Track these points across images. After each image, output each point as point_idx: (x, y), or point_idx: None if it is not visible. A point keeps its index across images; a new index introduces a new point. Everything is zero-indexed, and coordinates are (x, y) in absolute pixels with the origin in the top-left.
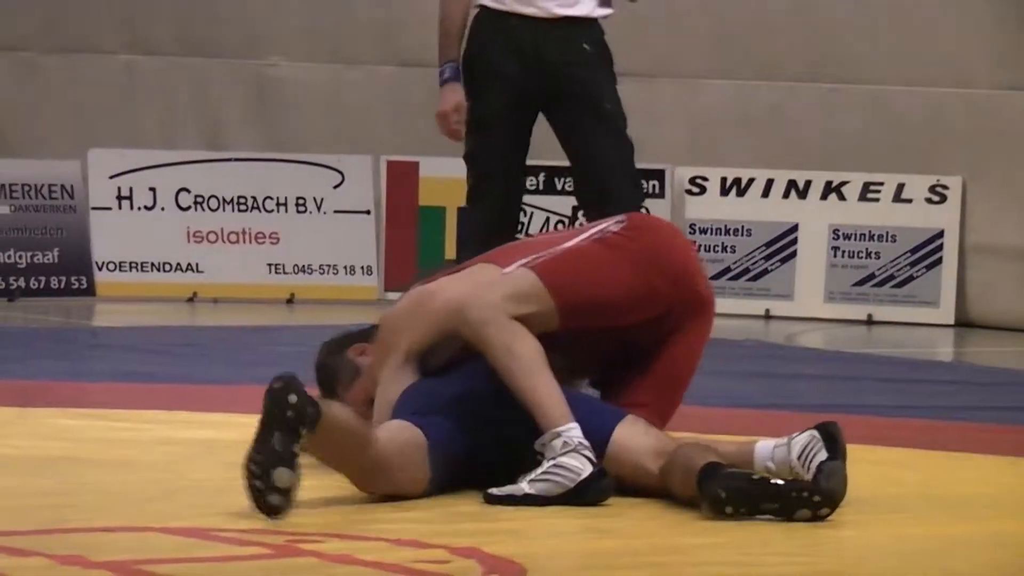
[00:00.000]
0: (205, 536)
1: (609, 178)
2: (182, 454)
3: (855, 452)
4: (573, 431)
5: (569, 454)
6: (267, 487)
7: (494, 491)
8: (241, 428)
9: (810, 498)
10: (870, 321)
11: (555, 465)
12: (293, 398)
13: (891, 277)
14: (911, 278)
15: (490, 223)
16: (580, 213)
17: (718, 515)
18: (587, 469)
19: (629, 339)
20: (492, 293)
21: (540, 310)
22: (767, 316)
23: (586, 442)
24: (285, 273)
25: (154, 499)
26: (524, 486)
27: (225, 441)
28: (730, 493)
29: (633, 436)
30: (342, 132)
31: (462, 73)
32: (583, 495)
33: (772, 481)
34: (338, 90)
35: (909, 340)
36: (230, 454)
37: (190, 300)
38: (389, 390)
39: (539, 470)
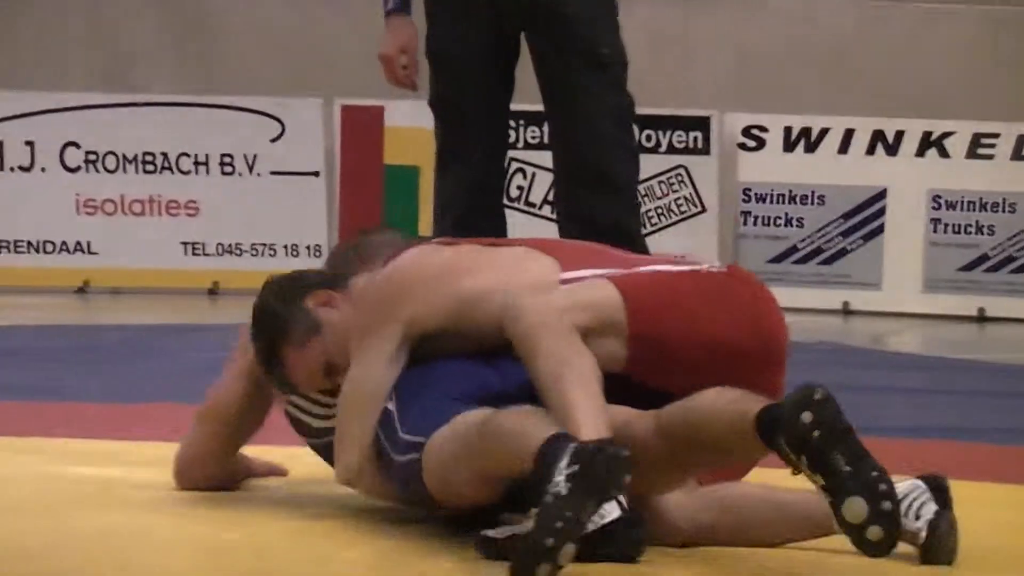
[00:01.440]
0: None
1: (599, 148)
2: (71, 495)
3: (960, 491)
4: None
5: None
6: (552, 555)
7: (490, 533)
8: (147, 461)
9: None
10: (982, 317)
11: None
12: (626, 478)
13: (1009, 259)
14: None
15: (468, 187)
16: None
17: (816, 471)
18: (613, 512)
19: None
20: (559, 296)
21: (610, 336)
22: (846, 311)
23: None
24: (206, 255)
25: (34, 556)
26: (530, 527)
27: (126, 479)
28: (819, 419)
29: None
30: (283, 69)
31: None
32: (607, 545)
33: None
34: (278, 16)
35: None
36: (133, 495)
37: (80, 290)
38: (378, 365)
39: None
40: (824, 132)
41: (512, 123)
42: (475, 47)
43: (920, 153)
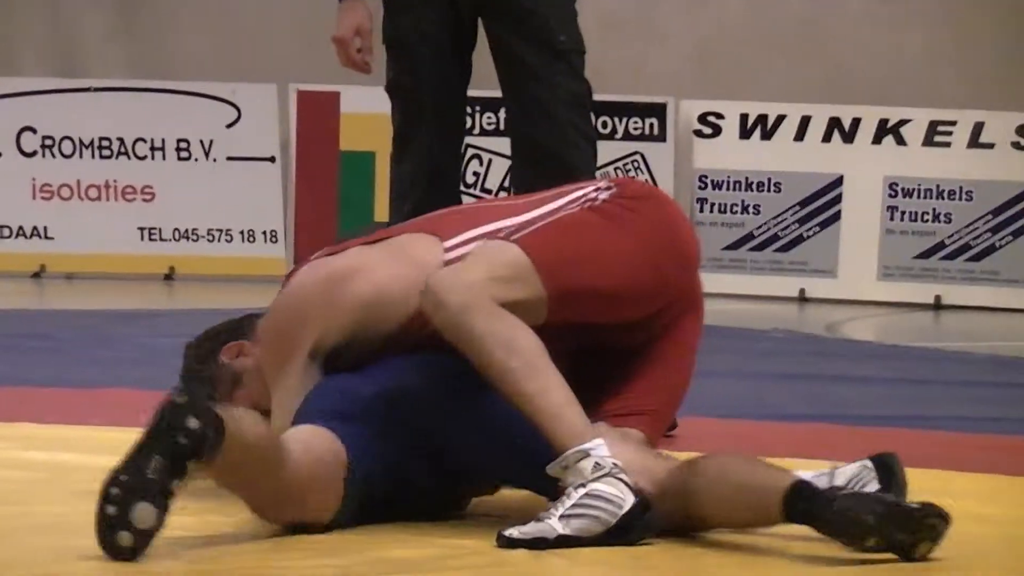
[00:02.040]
0: None
1: (555, 135)
2: (24, 480)
3: (921, 480)
4: (601, 449)
5: (604, 479)
6: (121, 521)
7: (514, 533)
8: (103, 447)
9: (937, 526)
10: (938, 305)
11: (589, 495)
12: (193, 423)
13: (966, 247)
14: (992, 248)
15: (425, 174)
16: (509, 177)
17: (853, 545)
18: (628, 499)
19: (612, 338)
20: (471, 272)
21: (527, 296)
22: (802, 298)
23: (619, 462)
24: (162, 240)
25: None
26: (555, 524)
27: (82, 464)
28: (878, 523)
29: (624, 454)
30: (238, 53)
31: None
32: (627, 533)
33: (910, 505)
34: (233, 0)
35: (989, 330)
36: (88, 481)
37: (36, 275)
38: (290, 400)
39: (568, 501)
40: (780, 119)
41: (468, 109)
42: (432, 33)
43: (877, 140)
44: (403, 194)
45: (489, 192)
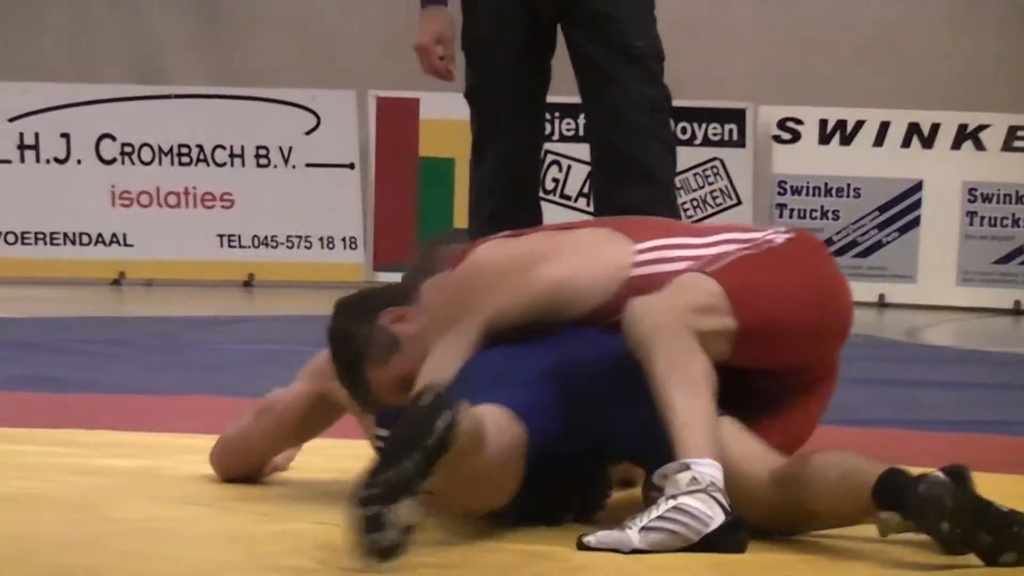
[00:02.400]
0: None
1: (634, 141)
2: (105, 487)
3: (998, 485)
4: (709, 468)
5: (696, 495)
6: (383, 521)
7: (591, 540)
8: (181, 453)
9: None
10: (1018, 310)
11: (676, 508)
12: (442, 422)
13: None
14: None
15: (504, 180)
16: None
17: (931, 532)
18: (718, 518)
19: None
20: (674, 299)
21: (719, 328)
22: (882, 303)
23: (721, 484)
24: (242, 247)
25: (72, 546)
26: (633, 536)
27: (161, 471)
28: (956, 508)
29: (746, 441)
30: (317, 60)
31: None
32: (711, 551)
33: (996, 505)
34: (311, 6)
35: None
36: (168, 487)
37: (116, 282)
38: (449, 363)
39: (654, 512)
40: (859, 124)
41: (548, 115)
42: (510, 39)
43: (956, 146)
44: (483, 200)
45: (568, 198)
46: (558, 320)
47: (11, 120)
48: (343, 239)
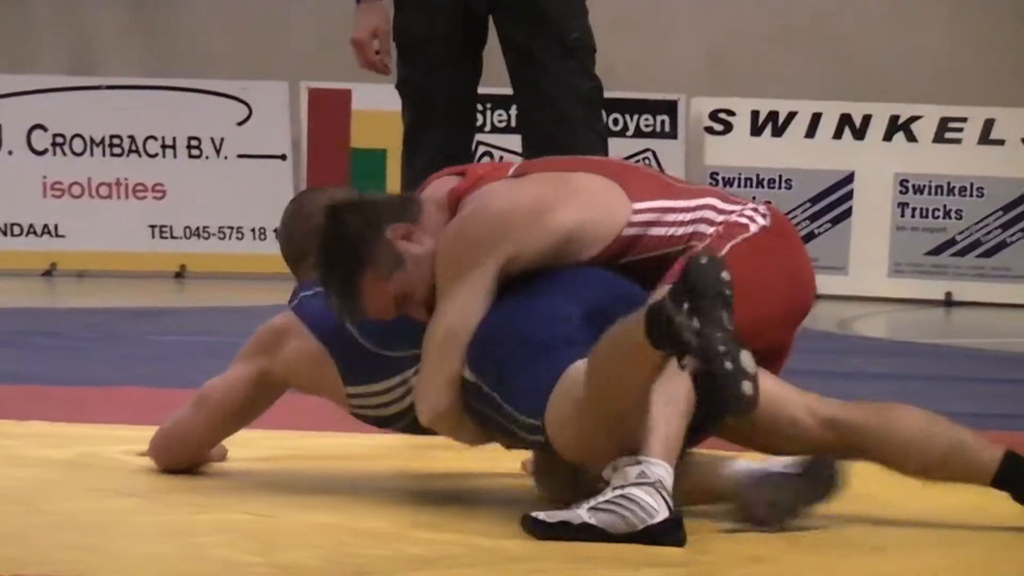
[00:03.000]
0: None
1: (565, 132)
2: (38, 479)
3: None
4: (660, 469)
5: (644, 487)
6: (740, 372)
7: (540, 515)
8: (115, 444)
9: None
10: (949, 302)
11: (623, 496)
12: (725, 275)
13: (976, 243)
14: (1003, 245)
15: (435, 172)
16: None
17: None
18: (662, 512)
19: None
20: None
21: None
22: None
23: (670, 486)
24: (173, 238)
25: (3, 539)
26: (583, 513)
27: (95, 462)
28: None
29: (776, 384)
30: (250, 51)
31: None
32: (651, 542)
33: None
34: None
35: (1000, 327)
36: (102, 479)
37: (47, 274)
38: (475, 312)
39: (602, 497)
40: (791, 116)
41: (480, 106)
42: (442, 30)
43: (887, 137)
44: (415, 187)
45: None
46: (560, 264)
47: None
48: (275, 230)
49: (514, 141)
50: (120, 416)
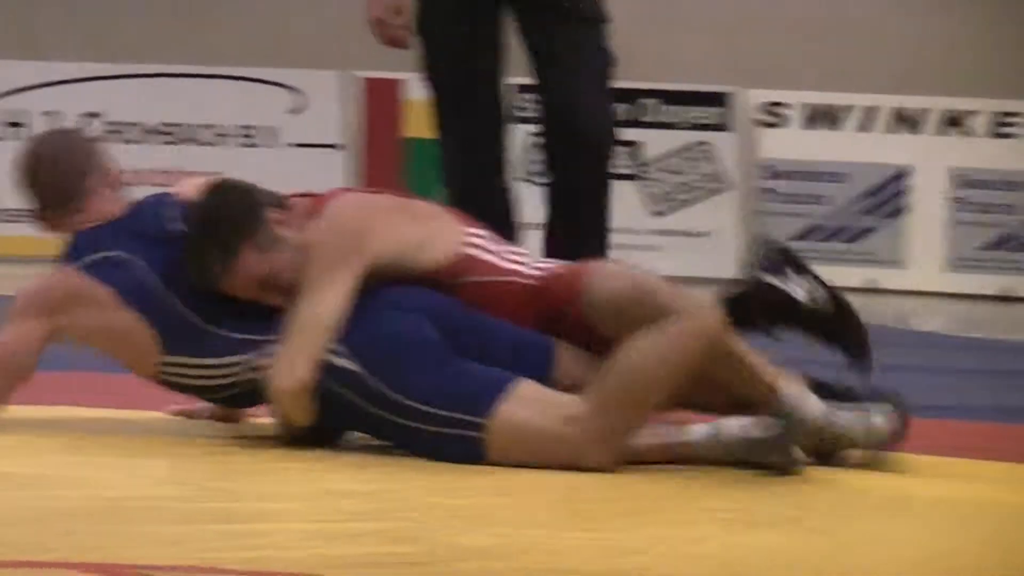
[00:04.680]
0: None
1: (575, 108)
2: (91, 464)
3: (989, 470)
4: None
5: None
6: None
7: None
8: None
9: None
10: (1006, 296)
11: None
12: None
13: None
14: None
15: (462, 163)
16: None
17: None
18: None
19: None
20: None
21: None
22: (870, 289)
23: None
24: None
25: (51, 522)
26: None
27: (150, 446)
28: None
29: None
30: (302, 40)
31: None
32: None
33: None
34: None
35: None
36: (151, 464)
37: None
38: (339, 303)
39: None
40: (847, 110)
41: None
42: (467, 22)
43: (943, 132)
44: (449, 182)
45: None
46: (406, 274)
47: (0, 96)
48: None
49: None
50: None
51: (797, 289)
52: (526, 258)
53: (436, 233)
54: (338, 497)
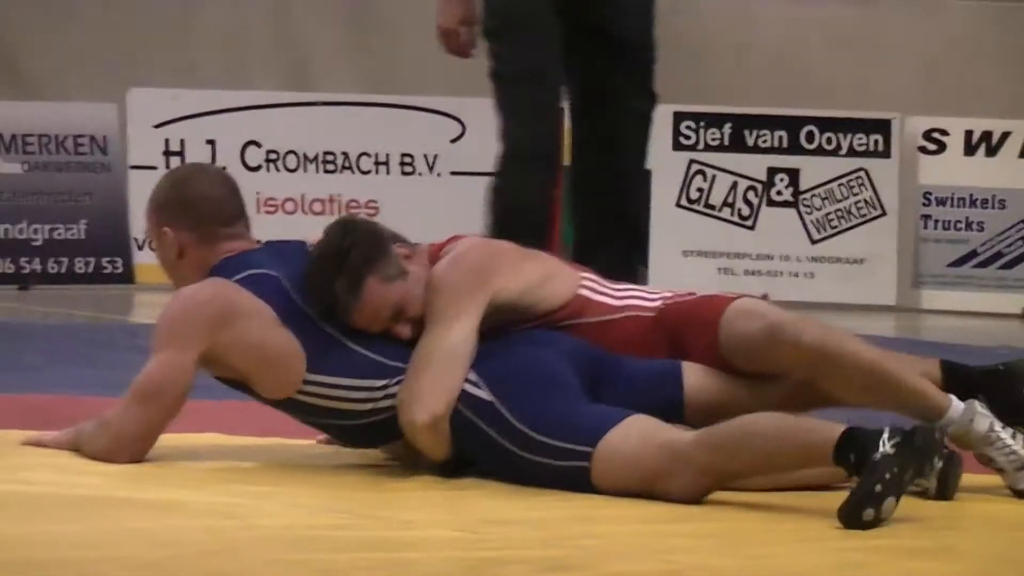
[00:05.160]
0: None
1: (625, 151)
2: (250, 494)
3: None
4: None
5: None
6: (879, 501)
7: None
8: (334, 455)
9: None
10: None
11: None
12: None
13: None
14: None
15: (548, 142)
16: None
17: None
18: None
19: None
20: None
21: None
22: None
23: None
24: None
25: (215, 553)
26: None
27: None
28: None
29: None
30: (464, 67)
31: None
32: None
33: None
34: None
35: None
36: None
37: None
38: (470, 336)
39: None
40: (1005, 136)
41: (693, 124)
42: (543, 16)
43: None
44: (526, 157)
45: (712, 207)
46: (527, 315)
47: (157, 126)
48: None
49: (727, 160)
50: None
51: None
52: (639, 291)
53: (554, 276)
54: (497, 525)
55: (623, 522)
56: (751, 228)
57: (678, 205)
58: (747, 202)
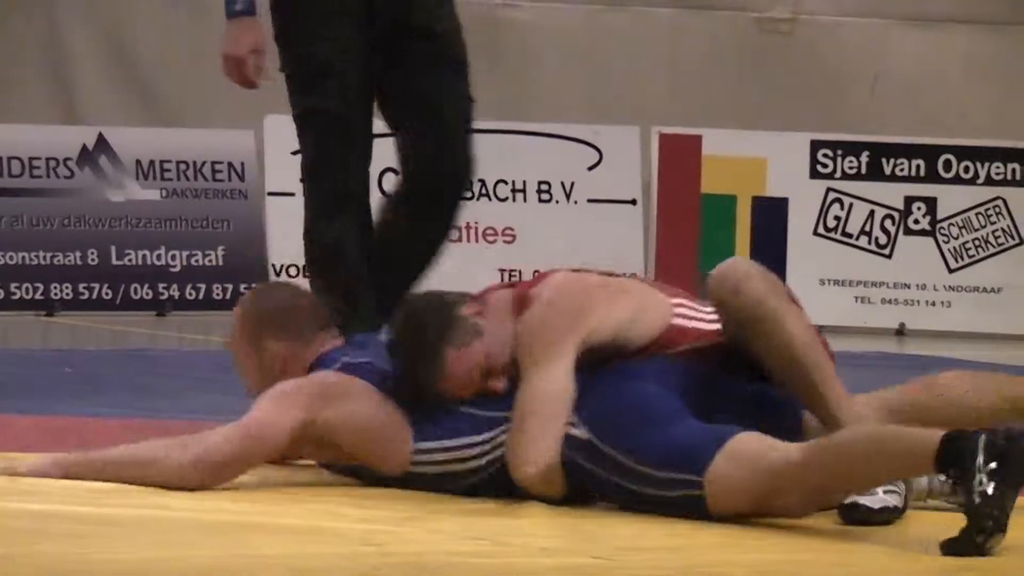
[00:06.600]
0: None
1: (458, 148)
2: (388, 520)
3: None
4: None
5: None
6: (985, 551)
7: (862, 501)
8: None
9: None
10: None
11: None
12: None
13: None
14: None
15: (350, 198)
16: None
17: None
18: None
19: None
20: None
21: None
22: None
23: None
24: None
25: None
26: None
27: (438, 500)
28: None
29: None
30: (600, 95)
31: (287, 5)
32: None
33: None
34: (595, 40)
35: None
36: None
37: None
38: (567, 381)
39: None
40: None
41: (830, 153)
42: (358, 57)
43: None
44: (328, 215)
45: (850, 236)
46: (622, 348)
47: (294, 153)
48: (623, 275)
49: (864, 188)
50: None
51: None
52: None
53: (647, 307)
54: (635, 552)
55: (767, 551)
56: (888, 257)
57: (815, 233)
58: (884, 231)
